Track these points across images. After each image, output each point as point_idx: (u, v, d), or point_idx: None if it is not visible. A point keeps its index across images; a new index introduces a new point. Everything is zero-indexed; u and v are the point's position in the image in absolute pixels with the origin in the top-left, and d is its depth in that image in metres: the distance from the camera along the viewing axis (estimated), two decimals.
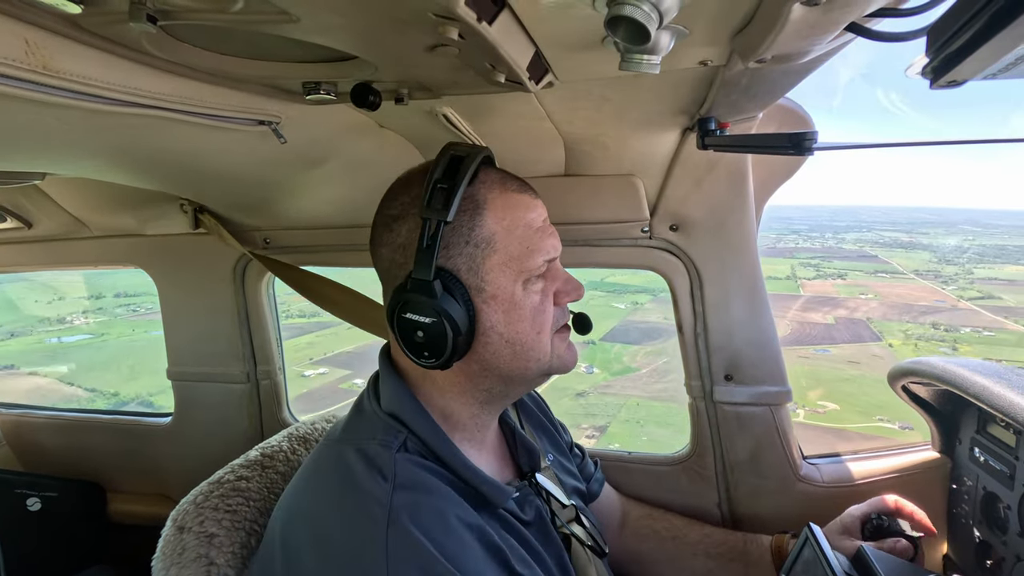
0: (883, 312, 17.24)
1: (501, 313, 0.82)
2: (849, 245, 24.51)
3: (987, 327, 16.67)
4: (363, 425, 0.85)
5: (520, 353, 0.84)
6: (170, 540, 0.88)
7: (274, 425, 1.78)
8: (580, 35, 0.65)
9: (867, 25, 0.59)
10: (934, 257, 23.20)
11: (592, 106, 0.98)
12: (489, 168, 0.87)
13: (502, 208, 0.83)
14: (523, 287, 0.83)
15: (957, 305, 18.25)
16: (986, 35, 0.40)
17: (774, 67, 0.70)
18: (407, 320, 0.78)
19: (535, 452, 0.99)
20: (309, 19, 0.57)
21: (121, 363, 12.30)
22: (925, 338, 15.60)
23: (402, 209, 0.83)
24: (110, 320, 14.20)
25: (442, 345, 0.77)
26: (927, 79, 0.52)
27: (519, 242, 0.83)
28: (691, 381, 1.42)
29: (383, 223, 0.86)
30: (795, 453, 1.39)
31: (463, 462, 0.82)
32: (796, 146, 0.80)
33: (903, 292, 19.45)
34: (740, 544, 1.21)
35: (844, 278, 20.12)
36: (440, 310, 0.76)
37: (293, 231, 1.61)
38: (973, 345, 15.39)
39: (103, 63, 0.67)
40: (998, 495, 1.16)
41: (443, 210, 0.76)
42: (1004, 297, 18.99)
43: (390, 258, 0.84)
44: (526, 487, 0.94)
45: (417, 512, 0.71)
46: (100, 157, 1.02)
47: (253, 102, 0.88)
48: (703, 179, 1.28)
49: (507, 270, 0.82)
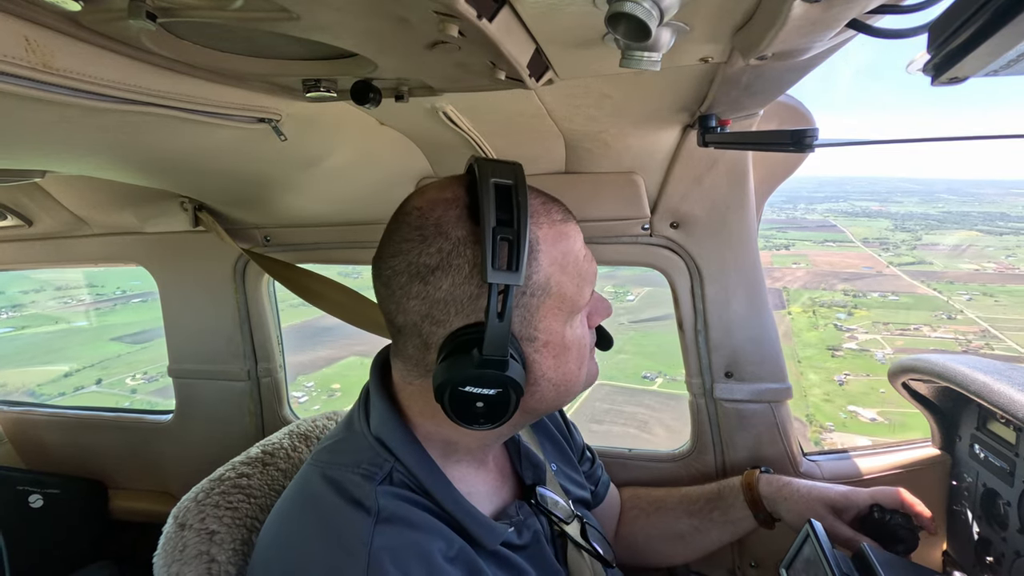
0: (806, 281, 17.55)
1: (552, 359, 0.75)
2: (814, 216, 24.70)
3: (897, 291, 17.04)
4: (350, 449, 0.79)
5: (564, 392, 0.78)
6: (171, 537, 0.88)
7: (275, 422, 1.78)
8: (580, 32, 0.65)
9: (868, 22, 0.58)
10: (891, 224, 23.62)
11: (593, 103, 0.97)
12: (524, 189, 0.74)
13: (553, 245, 0.73)
14: (570, 325, 0.76)
15: (883, 271, 18.66)
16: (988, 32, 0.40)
17: (775, 64, 0.70)
18: (467, 394, 0.67)
19: (540, 467, 0.95)
20: (309, 17, 0.57)
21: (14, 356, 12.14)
22: (827, 304, 15.84)
23: (441, 259, 0.69)
24: (37, 314, 14.12)
25: (503, 412, 0.69)
26: (928, 76, 0.51)
27: (571, 280, 0.75)
28: (691, 378, 1.42)
29: (412, 272, 0.70)
30: (795, 450, 1.39)
31: (454, 499, 0.76)
32: (797, 143, 0.79)
33: (836, 260, 19.79)
34: (715, 493, 1.22)
35: (789, 248, 20.41)
36: (508, 381, 0.67)
37: (293, 228, 1.61)
38: (871, 309, 15.73)
39: (103, 60, 0.67)
40: (998, 491, 1.16)
41: (511, 271, 0.65)
42: (935, 262, 19.59)
43: (423, 313, 0.71)
44: (524, 508, 0.89)
45: (401, 555, 0.66)
46: (100, 155, 1.02)
47: (253, 99, 0.88)
48: (704, 176, 1.28)
49: (560, 313, 0.74)
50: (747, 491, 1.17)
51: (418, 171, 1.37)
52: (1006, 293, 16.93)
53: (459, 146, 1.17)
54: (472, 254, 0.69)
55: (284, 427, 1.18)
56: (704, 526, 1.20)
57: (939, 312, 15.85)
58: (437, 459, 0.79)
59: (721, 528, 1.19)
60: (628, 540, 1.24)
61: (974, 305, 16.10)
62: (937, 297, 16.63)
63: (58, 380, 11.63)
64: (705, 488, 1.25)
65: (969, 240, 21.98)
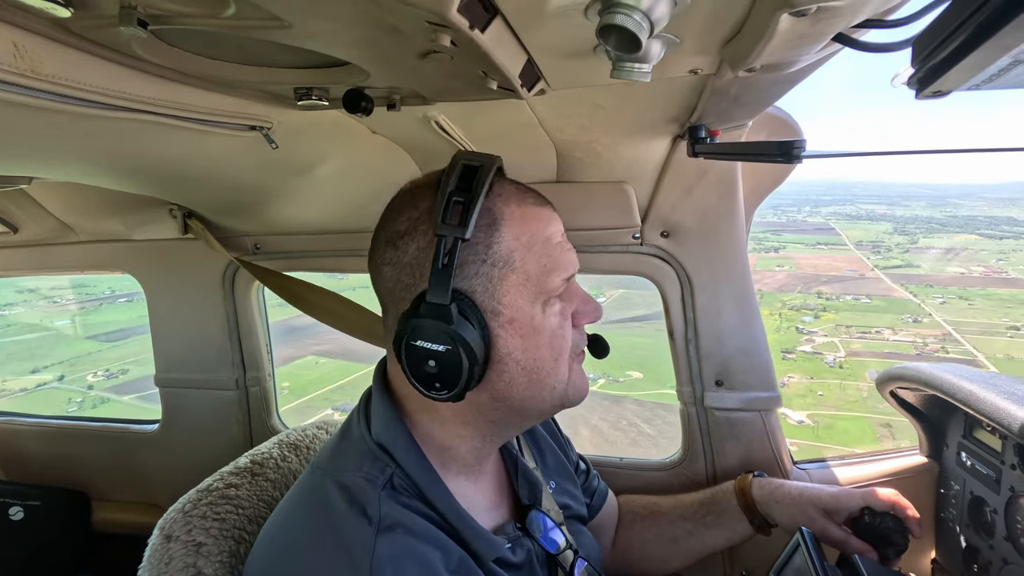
0: (783, 283, 17.67)
1: (519, 338, 0.76)
2: (816, 219, 24.88)
3: (872, 295, 17.14)
4: (350, 454, 0.79)
5: (536, 381, 0.78)
6: (157, 549, 0.86)
7: (263, 432, 1.76)
8: (572, 43, 0.66)
9: (854, 36, 0.60)
10: (891, 228, 23.88)
11: (584, 113, 0.98)
12: (503, 179, 0.81)
13: (520, 223, 0.77)
14: (542, 309, 0.77)
15: (866, 274, 18.80)
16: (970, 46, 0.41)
17: (763, 76, 0.71)
18: (417, 348, 0.70)
19: (537, 485, 0.94)
20: (301, 25, 0.57)
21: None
22: (797, 307, 15.97)
23: (410, 225, 0.76)
24: (24, 314, 13.96)
25: (456, 375, 0.71)
26: (913, 89, 0.52)
27: (538, 260, 0.77)
28: (682, 387, 1.42)
29: (387, 240, 0.78)
30: (785, 458, 1.39)
31: (454, 508, 0.76)
32: (785, 154, 0.80)
33: (822, 263, 19.96)
34: (708, 497, 1.22)
35: (778, 251, 20.57)
36: (456, 337, 0.69)
37: (284, 236, 1.60)
38: (839, 312, 15.84)
39: (93, 67, 0.66)
40: (984, 499, 1.17)
41: (460, 226, 0.69)
42: (922, 265, 19.84)
43: (395, 279, 0.77)
44: (519, 530, 0.88)
45: (402, 564, 0.67)
46: (88, 161, 1.01)
47: (244, 107, 0.88)
48: (694, 186, 1.29)
49: (525, 291, 0.76)
50: (741, 496, 1.17)
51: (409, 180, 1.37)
52: (984, 297, 17.11)
53: (451, 155, 1.17)
54: (436, 220, 0.73)
55: (273, 436, 1.17)
56: (698, 530, 1.20)
57: (907, 316, 15.95)
58: (437, 469, 0.79)
59: (715, 532, 1.19)
60: (624, 545, 1.24)
61: (946, 308, 16.23)
62: (911, 300, 16.77)
63: (23, 375, 11.50)
64: (699, 493, 1.25)
65: (965, 244, 22.16)
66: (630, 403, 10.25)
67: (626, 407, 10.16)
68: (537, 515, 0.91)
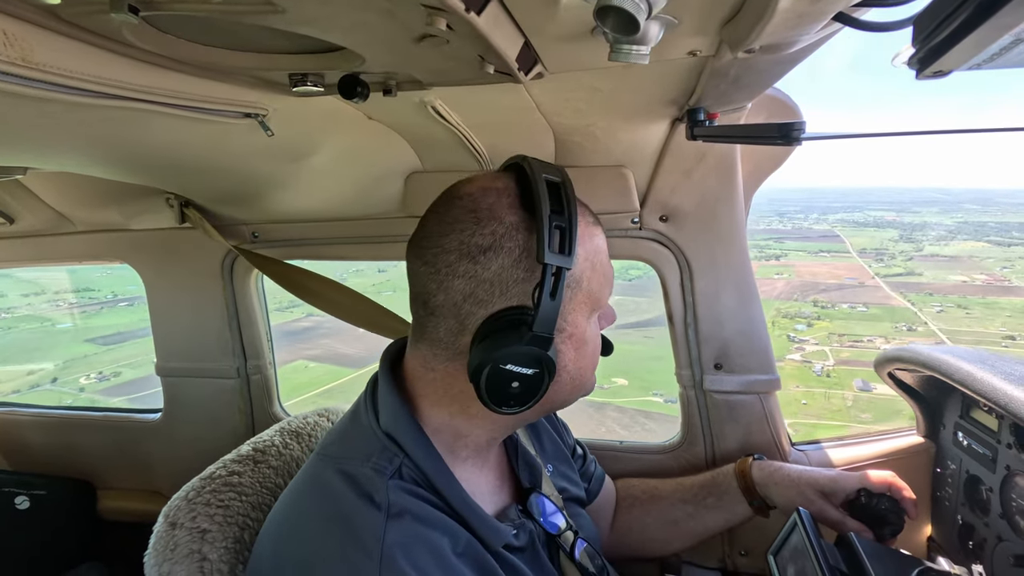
0: (782, 291, 17.46)
1: (573, 351, 0.78)
2: (822, 226, 24.64)
3: (869, 303, 16.92)
4: (358, 442, 0.79)
5: (577, 387, 0.81)
6: (162, 536, 0.87)
7: (265, 420, 1.77)
8: (569, 25, 0.65)
9: (854, 15, 0.59)
10: (897, 235, 23.61)
11: (581, 97, 0.97)
12: None
13: (587, 242, 0.78)
14: (593, 322, 0.80)
15: (866, 282, 18.58)
16: (971, 25, 0.41)
17: (762, 57, 0.70)
18: (505, 372, 0.69)
19: (537, 468, 0.96)
20: (295, 10, 0.57)
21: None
22: (792, 315, 15.75)
23: (494, 240, 0.72)
24: (27, 315, 13.97)
25: (534, 395, 0.71)
26: (913, 69, 0.52)
27: (599, 277, 0.79)
28: (681, 370, 1.43)
29: (463, 251, 0.72)
30: (784, 440, 1.41)
31: (461, 498, 0.77)
32: (784, 136, 0.80)
33: (823, 271, 19.70)
34: (709, 480, 1.24)
35: (780, 259, 20.35)
36: (546, 362, 0.70)
37: (281, 224, 1.59)
38: (834, 321, 15.64)
39: (84, 55, 0.65)
40: (981, 478, 1.18)
41: (564, 255, 0.68)
42: (924, 273, 19.49)
43: (467, 292, 0.73)
44: (521, 513, 0.90)
45: (412, 550, 0.67)
46: (83, 151, 1.01)
47: (239, 94, 0.87)
48: (692, 170, 1.28)
49: (585, 308, 0.78)
50: (741, 478, 1.19)
51: (407, 166, 1.36)
52: (984, 305, 16.92)
53: (448, 140, 1.16)
54: (524, 239, 0.72)
55: (275, 424, 1.17)
56: (698, 512, 1.22)
57: (902, 324, 15.79)
58: (444, 456, 0.80)
59: (715, 514, 1.21)
60: (623, 529, 1.25)
61: (942, 317, 16.04)
62: (908, 309, 16.62)
63: (18, 378, 11.57)
64: (700, 476, 1.27)
65: (972, 251, 21.88)
66: (611, 410, 10.29)
67: (607, 414, 10.18)
68: (538, 498, 0.93)
